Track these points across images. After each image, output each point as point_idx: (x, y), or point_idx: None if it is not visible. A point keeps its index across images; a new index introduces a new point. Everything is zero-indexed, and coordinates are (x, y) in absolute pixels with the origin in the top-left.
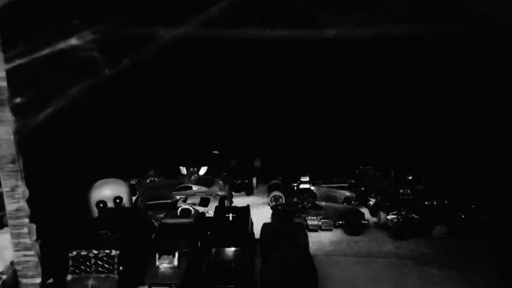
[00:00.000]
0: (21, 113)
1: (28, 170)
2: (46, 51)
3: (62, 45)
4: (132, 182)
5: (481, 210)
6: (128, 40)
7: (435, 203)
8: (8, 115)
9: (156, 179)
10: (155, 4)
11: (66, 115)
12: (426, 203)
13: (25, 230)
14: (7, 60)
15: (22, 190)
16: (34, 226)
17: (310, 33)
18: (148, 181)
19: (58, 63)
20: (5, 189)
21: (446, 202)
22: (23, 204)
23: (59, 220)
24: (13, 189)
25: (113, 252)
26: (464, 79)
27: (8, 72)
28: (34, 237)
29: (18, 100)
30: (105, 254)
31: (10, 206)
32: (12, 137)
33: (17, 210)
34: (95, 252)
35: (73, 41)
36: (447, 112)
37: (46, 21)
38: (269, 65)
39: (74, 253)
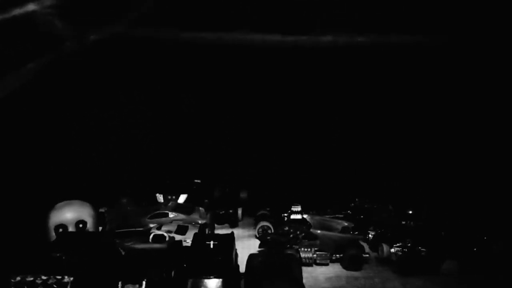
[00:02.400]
0: None
1: None
2: None
3: (16, 11)
4: (101, 210)
5: (494, 241)
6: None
7: (442, 234)
8: None
9: (127, 207)
10: None
11: (20, 100)
12: (433, 233)
13: None
14: None
15: None
16: None
17: (306, 39)
18: (119, 209)
19: (12, 32)
20: None
21: (455, 233)
22: None
23: (4, 236)
24: None
25: (66, 279)
26: (464, 102)
27: None
28: None
29: None
30: (55, 280)
31: None
32: None
33: None
34: (43, 278)
35: (30, 7)
36: (449, 142)
37: None
38: (257, 89)
39: (18, 278)
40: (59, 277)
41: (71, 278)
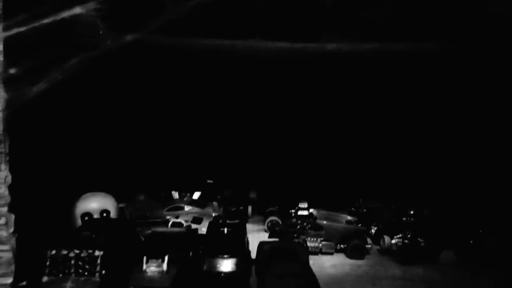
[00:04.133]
0: (13, 85)
1: (14, 154)
2: (48, 20)
3: (65, 13)
4: (121, 205)
5: (489, 236)
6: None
7: (441, 227)
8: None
9: (145, 202)
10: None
11: (61, 93)
12: (431, 226)
13: (2, 220)
14: (6, 28)
15: (5, 175)
16: (12, 216)
17: (311, 47)
18: (137, 204)
19: (60, 33)
20: None
21: (452, 226)
22: (3, 190)
23: (40, 215)
24: None
25: (97, 253)
26: (463, 102)
27: (6, 40)
28: (11, 230)
29: (12, 71)
30: (87, 254)
31: None
32: (0, 114)
33: None
34: (76, 252)
35: (77, 10)
36: (448, 141)
37: None
38: (266, 94)
39: (53, 252)
40: (90, 251)
41: (101, 253)
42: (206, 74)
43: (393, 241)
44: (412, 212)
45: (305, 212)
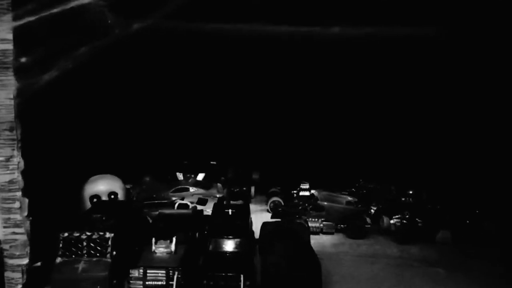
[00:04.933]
0: (24, 74)
1: (25, 140)
2: (57, 9)
3: (73, 3)
4: (127, 186)
5: (486, 217)
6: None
7: (438, 208)
8: (10, 78)
9: (151, 184)
10: None
11: (71, 81)
12: (429, 207)
13: (17, 204)
14: (16, 17)
15: (18, 161)
16: (26, 201)
17: (315, 30)
18: (143, 186)
19: (68, 22)
20: None
21: (449, 207)
22: (17, 176)
23: (52, 199)
24: (8, 159)
25: (108, 235)
26: (463, 86)
27: (16, 32)
28: (26, 213)
29: (23, 60)
30: (98, 236)
31: (3, 177)
32: (12, 102)
33: (10, 182)
34: (88, 234)
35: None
36: (447, 125)
37: None
38: (268, 76)
39: (66, 234)
40: (101, 233)
41: (112, 235)
42: (210, 57)
43: (392, 221)
44: (411, 193)
45: (307, 193)
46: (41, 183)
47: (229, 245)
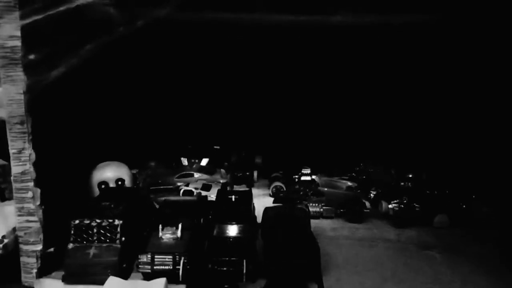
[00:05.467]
0: (33, 71)
1: (36, 133)
2: (63, 7)
3: (79, 2)
4: (133, 171)
5: (482, 202)
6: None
7: (436, 192)
8: (20, 74)
9: (156, 169)
10: None
11: (77, 76)
12: (427, 192)
13: (30, 194)
14: (23, 16)
15: (29, 153)
16: (38, 190)
17: (316, 19)
18: (149, 171)
19: (74, 20)
20: (12, 151)
21: (447, 192)
22: (29, 167)
23: (63, 188)
24: (19, 151)
25: (116, 222)
26: (462, 77)
27: (24, 30)
28: (38, 202)
29: (32, 57)
30: (108, 223)
31: (16, 168)
32: (22, 97)
33: (23, 173)
34: (98, 221)
35: None
36: (447, 110)
37: None
38: (270, 63)
39: (77, 221)
40: (110, 220)
41: (121, 222)
42: (212, 42)
43: (390, 206)
44: (410, 176)
45: (308, 178)
46: (52, 173)
47: (232, 231)
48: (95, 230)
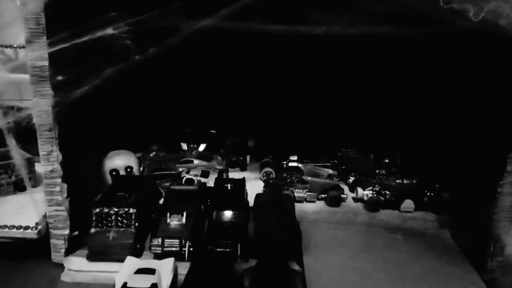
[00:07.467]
0: (61, 89)
1: (62, 138)
2: (87, 37)
3: (100, 33)
4: (138, 155)
5: (445, 189)
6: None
7: (404, 181)
8: (48, 90)
9: (159, 153)
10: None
11: (99, 93)
12: (397, 181)
13: (58, 188)
14: (51, 44)
15: (56, 154)
16: (65, 185)
17: (301, 29)
18: (151, 154)
19: (96, 48)
20: (42, 153)
21: (414, 181)
22: (56, 166)
23: (85, 182)
24: (48, 153)
25: (131, 210)
26: (439, 69)
27: (52, 54)
28: (65, 195)
29: (59, 78)
30: (124, 211)
31: (46, 167)
32: (50, 109)
33: (52, 171)
34: (115, 209)
35: (109, 30)
36: (423, 103)
37: (87, 12)
38: (263, 54)
39: (98, 210)
40: (126, 209)
41: (135, 210)
42: (208, 33)
43: (365, 192)
44: (387, 161)
45: (295, 164)
46: (76, 171)
47: (227, 216)
48: (113, 217)
